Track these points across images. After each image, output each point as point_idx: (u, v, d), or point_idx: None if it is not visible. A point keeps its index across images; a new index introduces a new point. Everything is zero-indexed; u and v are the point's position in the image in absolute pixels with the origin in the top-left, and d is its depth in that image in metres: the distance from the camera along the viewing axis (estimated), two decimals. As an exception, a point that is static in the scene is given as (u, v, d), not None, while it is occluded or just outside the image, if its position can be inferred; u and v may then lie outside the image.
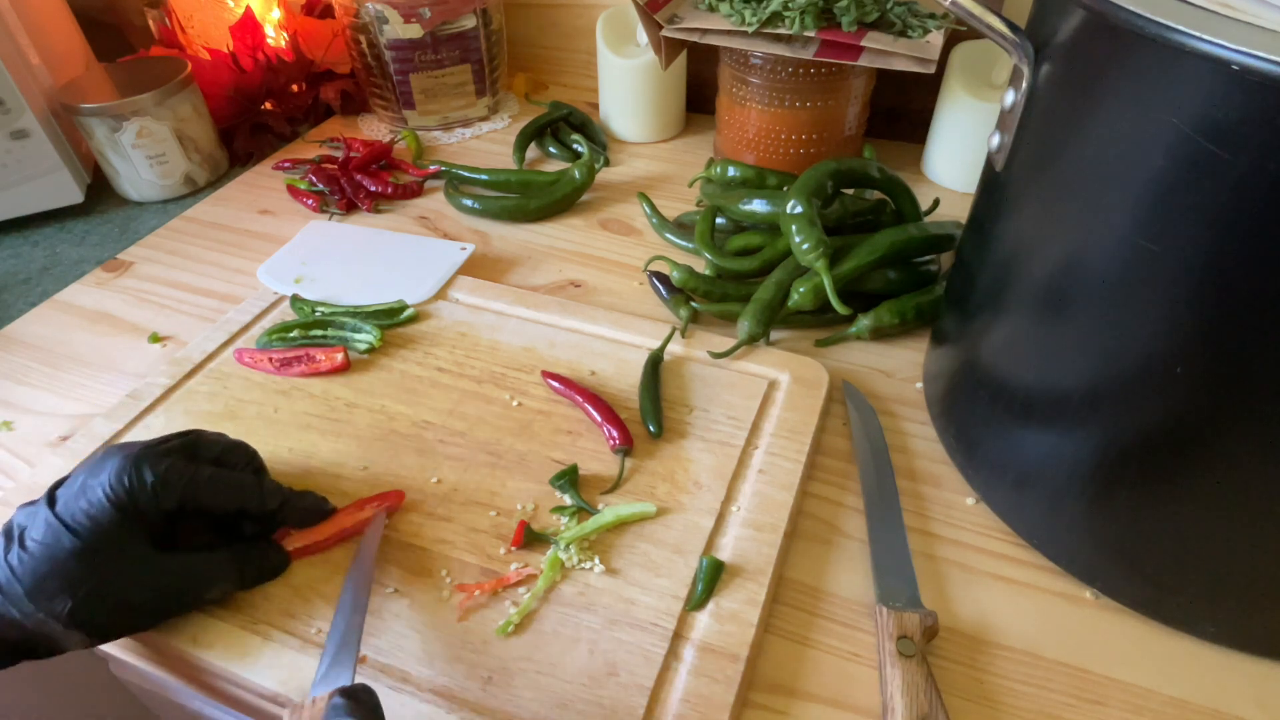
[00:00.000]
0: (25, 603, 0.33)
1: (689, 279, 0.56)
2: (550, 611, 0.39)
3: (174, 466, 0.37)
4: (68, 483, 0.36)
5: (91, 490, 0.35)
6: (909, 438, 0.49)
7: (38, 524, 0.35)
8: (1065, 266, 0.34)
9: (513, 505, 0.44)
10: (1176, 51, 0.27)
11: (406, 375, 0.52)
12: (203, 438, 0.40)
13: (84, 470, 0.36)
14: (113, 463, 0.36)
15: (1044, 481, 0.39)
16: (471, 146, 0.82)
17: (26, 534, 0.34)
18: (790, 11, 0.60)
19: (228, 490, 0.38)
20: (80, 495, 0.35)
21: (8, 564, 0.34)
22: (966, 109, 0.68)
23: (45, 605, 0.33)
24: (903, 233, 0.55)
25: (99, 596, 0.34)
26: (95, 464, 0.36)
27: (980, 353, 0.42)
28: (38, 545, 0.34)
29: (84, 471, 0.36)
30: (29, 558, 0.34)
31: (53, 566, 0.34)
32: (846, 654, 0.38)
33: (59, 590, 0.33)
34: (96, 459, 0.37)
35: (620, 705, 0.35)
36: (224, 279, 0.63)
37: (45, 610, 0.33)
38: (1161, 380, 0.32)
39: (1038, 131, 0.35)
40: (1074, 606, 0.40)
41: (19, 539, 0.34)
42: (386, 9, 0.73)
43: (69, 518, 0.34)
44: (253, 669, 0.37)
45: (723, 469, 0.45)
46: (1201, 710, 0.36)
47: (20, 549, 0.34)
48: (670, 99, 0.79)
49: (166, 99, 0.70)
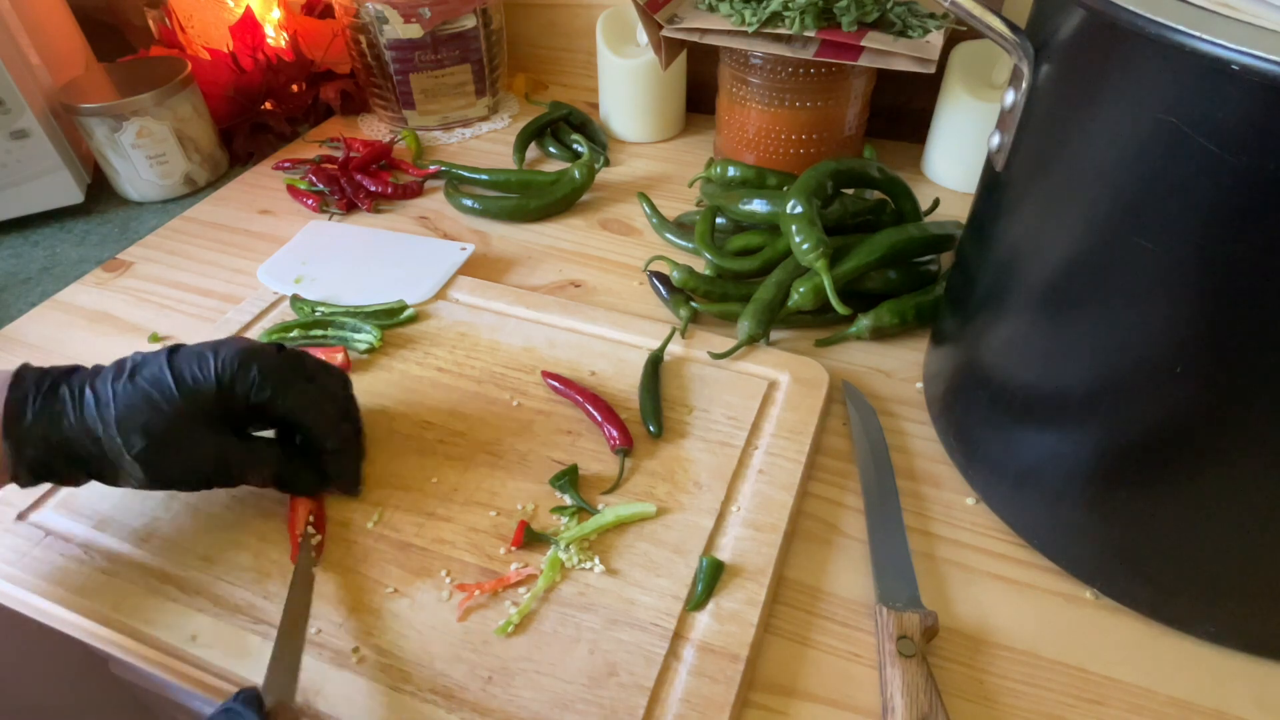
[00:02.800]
0: (112, 426, 0.37)
1: (689, 279, 0.56)
2: (550, 611, 0.39)
3: (278, 370, 0.40)
4: (188, 347, 0.40)
5: (206, 362, 0.39)
6: (909, 438, 0.49)
7: (151, 367, 0.38)
8: (1065, 266, 0.34)
9: (513, 505, 0.44)
10: (1176, 51, 0.27)
11: (406, 375, 0.52)
12: (307, 357, 0.43)
13: (208, 344, 0.40)
14: (232, 346, 0.40)
15: (1044, 482, 0.39)
16: (471, 146, 0.82)
17: (139, 371, 0.38)
18: (790, 11, 0.60)
19: (307, 404, 0.41)
20: (195, 360, 0.39)
21: (112, 389, 0.38)
22: (966, 109, 0.68)
23: (126, 436, 0.37)
24: (903, 233, 0.55)
25: (171, 446, 0.38)
26: (220, 342, 0.40)
27: (980, 353, 0.42)
28: (144, 383, 0.38)
29: (208, 345, 0.40)
30: (133, 390, 0.38)
31: (147, 406, 0.37)
32: (846, 654, 0.38)
33: (142, 428, 0.37)
34: (222, 339, 0.41)
35: (620, 705, 0.35)
36: (224, 279, 0.63)
37: (124, 440, 0.37)
38: (1161, 380, 0.32)
39: (1038, 131, 0.35)
40: (1074, 606, 0.40)
41: (130, 372, 0.38)
42: (386, 9, 0.73)
43: (180, 373, 0.38)
44: (253, 669, 0.37)
45: (723, 469, 0.45)
46: (1201, 710, 0.36)
47: (128, 380, 0.38)
48: (670, 99, 0.79)
49: (166, 99, 0.70)
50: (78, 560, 0.42)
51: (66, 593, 0.40)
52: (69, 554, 0.42)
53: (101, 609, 0.40)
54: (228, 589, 0.40)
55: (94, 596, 0.40)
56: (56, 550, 0.42)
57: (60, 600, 0.40)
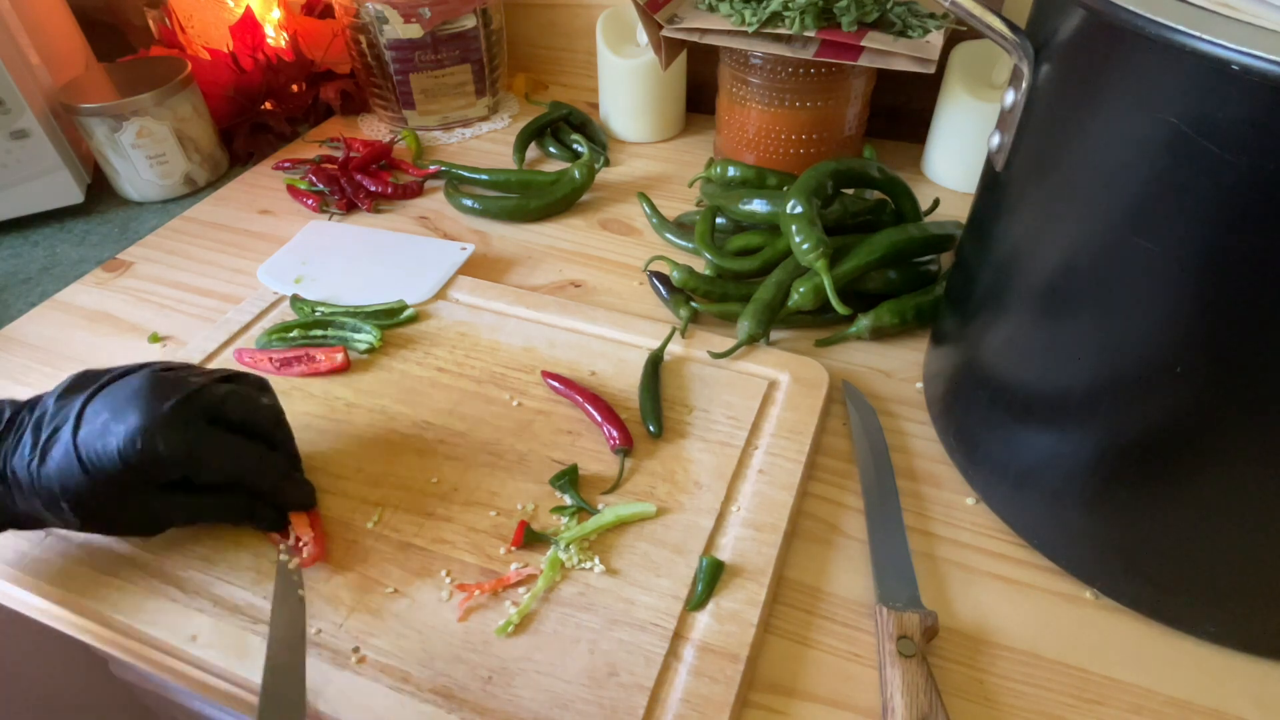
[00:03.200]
0: (38, 504, 0.37)
1: (689, 279, 0.56)
2: (550, 611, 0.39)
3: (187, 440, 0.37)
4: (95, 406, 0.37)
5: (109, 438, 0.36)
6: (909, 438, 0.49)
7: (59, 446, 0.37)
8: (1065, 266, 0.34)
9: (513, 505, 0.44)
10: (1176, 51, 0.27)
11: (406, 375, 0.52)
12: (233, 397, 0.40)
13: (109, 405, 0.37)
14: (133, 418, 0.36)
15: (1044, 481, 0.39)
16: (471, 146, 0.82)
17: (50, 449, 0.37)
18: (790, 11, 0.60)
19: (234, 463, 0.40)
20: (100, 436, 0.36)
21: (29, 471, 0.37)
22: (966, 109, 0.68)
23: (57, 514, 0.37)
24: (903, 233, 0.55)
25: (105, 517, 0.38)
26: (122, 404, 0.37)
27: (980, 353, 0.42)
28: (54, 466, 0.37)
29: (108, 408, 0.37)
30: (47, 474, 0.37)
31: (64, 490, 0.37)
32: (846, 654, 0.38)
33: (69, 509, 0.37)
34: (127, 394, 0.37)
35: (620, 705, 0.35)
36: (224, 279, 0.63)
37: (55, 515, 0.38)
38: (1161, 380, 0.32)
39: (1038, 131, 0.35)
40: (1074, 606, 0.40)
41: (42, 452, 0.37)
42: (386, 9, 0.73)
43: (85, 454, 0.36)
44: (253, 669, 0.37)
45: (723, 469, 0.45)
46: (1201, 710, 0.36)
47: (40, 462, 0.37)
48: (670, 99, 0.79)
49: (166, 99, 0.70)
50: (78, 560, 0.42)
51: (66, 593, 0.40)
52: (69, 554, 0.42)
53: (101, 609, 0.40)
54: (228, 589, 0.40)
55: (94, 596, 0.40)
56: (56, 550, 0.42)
57: (60, 600, 0.40)
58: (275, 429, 0.43)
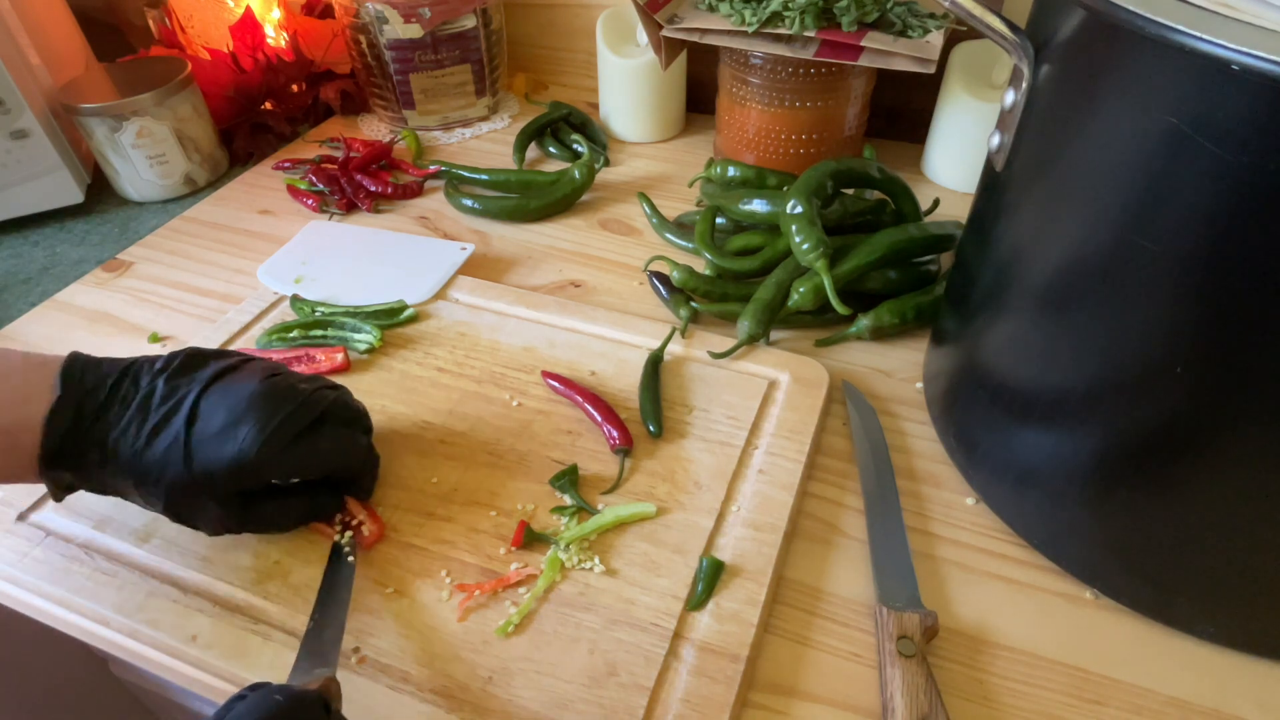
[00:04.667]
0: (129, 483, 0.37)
1: (689, 279, 0.56)
2: (550, 611, 0.39)
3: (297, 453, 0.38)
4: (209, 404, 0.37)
5: (225, 443, 0.37)
6: (909, 438, 0.49)
7: (168, 435, 0.37)
8: (1065, 266, 0.34)
9: (513, 505, 0.44)
10: (1176, 51, 0.27)
11: (406, 375, 0.52)
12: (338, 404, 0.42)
13: (226, 406, 0.37)
14: (249, 428, 0.37)
15: (1044, 481, 0.39)
16: (471, 146, 0.82)
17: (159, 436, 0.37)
18: (790, 11, 0.60)
19: (338, 457, 0.41)
20: (215, 439, 0.37)
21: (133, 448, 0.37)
22: (966, 109, 0.68)
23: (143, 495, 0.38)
24: (903, 233, 0.55)
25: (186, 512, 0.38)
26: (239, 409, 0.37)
27: (980, 353, 0.42)
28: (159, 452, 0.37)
29: (225, 408, 0.37)
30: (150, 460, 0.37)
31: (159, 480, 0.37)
32: (846, 654, 0.38)
33: (157, 496, 0.37)
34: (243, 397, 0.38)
35: (620, 705, 0.35)
36: (224, 279, 0.63)
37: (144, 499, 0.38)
38: (1161, 380, 0.32)
39: (1038, 131, 0.35)
40: (1074, 606, 0.40)
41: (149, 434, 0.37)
42: (386, 9, 0.73)
43: (196, 453, 0.37)
44: (253, 669, 0.37)
45: (723, 469, 0.45)
46: (1201, 710, 0.36)
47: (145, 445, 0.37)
48: (670, 99, 0.79)
49: (166, 99, 0.70)
50: (78, 560, 0.42)
51: (66, 593, 0.40)
52: (69, 554, 0.42)
53: (101, 609, 0.40)
54: (228, 589, 0.40)
55: (94, 596, 0.40)
56: (57, 550, 0.42)
57: (60, 600, 0.40)
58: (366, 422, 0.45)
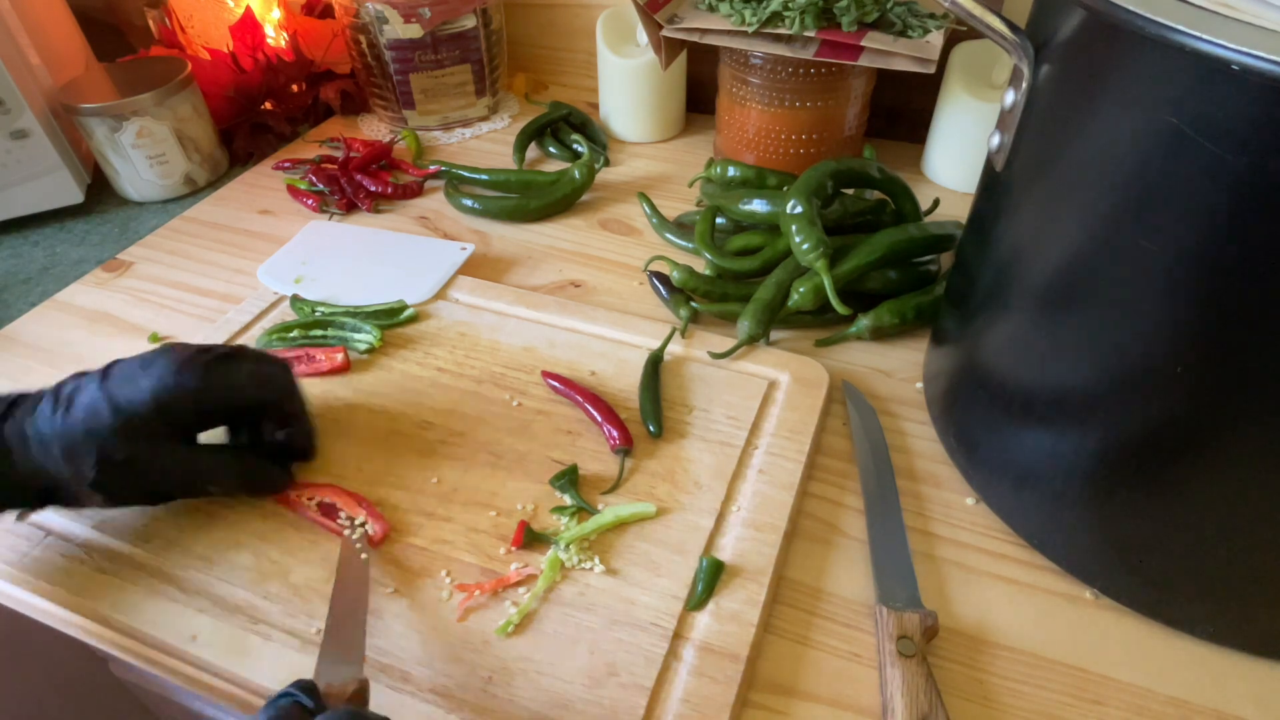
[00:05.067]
0: (59, 459, 0.37)
1: (689, 279, 0.56)
2: (550, 611, 0.39)
3: (217, 372, 0.40)
4: (121, 365, 0.39)
5: (140, 381, 0.38)
6: (909, 438, 0.49)
7: (87, 393, 0.38)
8: (1065, 266, 0.34)
9: (513, 505, 0.44)
10: (1176, 51, 0.27)
11: (406, 375, 0.52)
12: (242, 351, 0.43)
13: (137, 360, 0.39)
14: (164, 362, 0.39)
15: (1044, 481, 0.39)
16: (471, 146, 0.82)
17: (75, 399, 0.38)
18: (790, 11, 0.60)
19: (262, 381, 0.42)
20: (129, 381, 0.38)
21: (52, 421, 0.37)
22: (966, 109, 0.68)
23: (74, 465, 0.37)
24: (903, 233, 0.55)
25: (120, 469, 0.38)
26: (149, 358, 0.39)
27: (980, 353, 0.42)
28: (80, 413, 0.37)
29: (137, 362, 0.39)
30: (72, 421, 0.37)
31: (88, 434, 0.37)
32: (846, 654, 0.38)
33: (88, 455, 0.37)
34: (151, 353, 0.40)
35: (620, 705, 0.35)
36: (224, 279, 0.63)
37: (73, 469, 0.37)
38: (1161, 380, 0.32)
39: (1038, 131, 0.35)
40: (1074, 606, 0.40)
41: (66, 402, 0.38)
42: (386, 9, 0.73)
43: (114, 398, 0.38)
44: (253, 669, 0.37)
45: (723, 469, 0.45)
46: (1201, 710, 0.36)
47: (65, 412, 0.38)
48: (670, 99, 0.79)
49: (166, 99, 0.70)
50: (78, 560, 0.42)
51: (66, 593, 0.40)
52: (69, 554, 0.42)
53: (101, 609, 0.40)
54: (228, 589, 0.40)
55: (94, 596, 0.40)
56: (56, 550, 0.42)
57: (60, 600, 0.40)
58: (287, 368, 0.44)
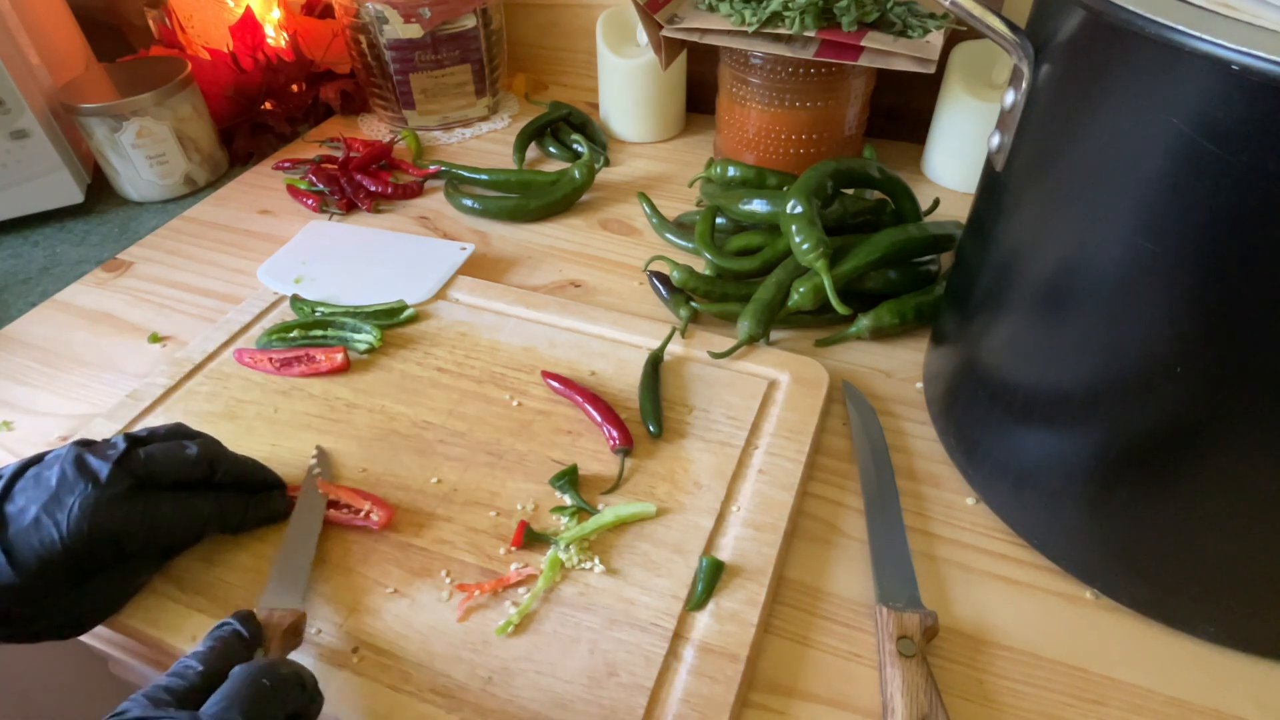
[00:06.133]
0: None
1: (689, 279, 0.56)
2: (550, 611, 0.39)
3: (133, 515, 0.36)
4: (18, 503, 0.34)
5: (46, 529, 0.33)
6: (909, 438, 0.49)
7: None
8: (1065, 266, 0.34)
9: (513, 505, 0.44)
10: (1176, 51, 0.27)
11: (406, 375, 0.52)
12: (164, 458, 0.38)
13: (34, 499, 0.34)
14: (71, 502, 0.34)
15: (1044, 481, 0.39)
16: (471, 146, 0.82)
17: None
18: (790, 11, 0.60)
19: (187, 523, 0.39)
20: (34, 530, 0.33)
21: None
22: (966, 109, 0.68)
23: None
24: (903, 233, 0.55)
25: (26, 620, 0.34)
26: (52, 495, 0.34)
27: (980, 353, 0.42)
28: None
29: (34, 501, 0.34)
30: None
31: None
32: (846, 654, 0.38)
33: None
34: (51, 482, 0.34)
35: (620, 705, 0.35)
36: (224, 279, 0.63)
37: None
38: (1162, 380, 0.32)
39: (1038, 131, 0.35)
40: (1074, 606, 0.40)
41: None
42: (386, 9, 0.73)
43: (17, 550, 0.33)
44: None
45: (723, 469, 0.45)
46: (1201, 710, 0.36)
47: None
48: (670, 99, 0.79)
49: (166, 99, 0.70)
50: (78, 560, 0.42)
51: (66, 593, 0.40)
52: (69, 554, 0.42)
53: (101, 609, 0.39)
54: (228, 589, 0.40)
55: (94, 596, 0.40)
56: (56, 550, 0.42)
57: (60, 600, 0.40)
58: (213, 470, 0.40)
